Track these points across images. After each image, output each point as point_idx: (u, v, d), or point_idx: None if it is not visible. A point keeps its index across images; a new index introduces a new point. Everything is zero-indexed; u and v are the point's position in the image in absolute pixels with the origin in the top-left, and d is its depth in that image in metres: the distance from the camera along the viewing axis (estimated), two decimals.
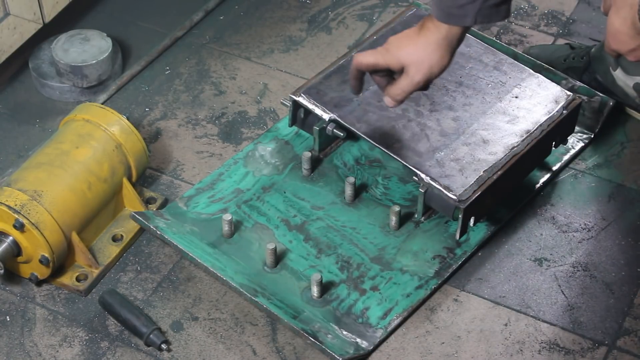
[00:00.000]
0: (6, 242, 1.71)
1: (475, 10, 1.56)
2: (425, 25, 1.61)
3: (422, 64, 1.61)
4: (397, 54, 1.62)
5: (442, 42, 1.60)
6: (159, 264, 1.80)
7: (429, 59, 1.61)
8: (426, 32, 1.60)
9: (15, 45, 2.01)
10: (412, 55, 1.61)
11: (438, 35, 1.59)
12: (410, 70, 1.62)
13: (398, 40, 1.63)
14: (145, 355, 1.68)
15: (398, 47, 1.62)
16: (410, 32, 1.63)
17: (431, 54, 1.61)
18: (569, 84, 1.97)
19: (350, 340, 1.67)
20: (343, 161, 1.91)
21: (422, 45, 1.61)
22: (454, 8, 1.57)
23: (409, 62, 1.62)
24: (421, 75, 1.62)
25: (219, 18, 2.23)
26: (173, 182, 1.92)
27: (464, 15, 1.57)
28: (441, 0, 1.57)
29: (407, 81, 1.63)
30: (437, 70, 1.62)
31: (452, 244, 1.80)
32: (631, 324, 1.71)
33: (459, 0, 1.56)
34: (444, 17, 1.58)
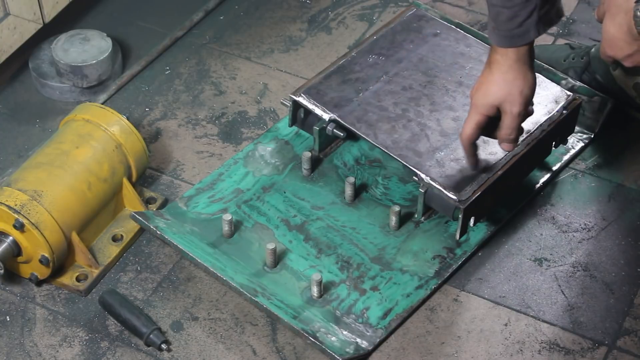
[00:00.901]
0: (6, 242, 1.71)
1: (535, 23, 1.57)
2: (493, 59, 1.61)
3: (512, 96, 1.61)
4: (485, 102, 1.63)
5: (516, 65, 1.60)
6: (159, 264, 1.80)
7: (516, 88, 1.61)
8: (497, 65, 1.60)
9: (15, 45, 2.01)
10: (499, 93, 1.61)
11: (510, 62, 1.59)
12: (506, 107, 1.62)
13: (478, 90, 1.63)
14: (145, 355, 1.68)
15: (483, 95, 1.62)
16: (484, 74, 1.63)
17: (514, 82, 1.61)
18: (569, 84, 1.97)
19: (350, 340, 1.67)
20: (343, 161, 1.91)
21: (501, 79, 1.60)
22: (514, 30, 1.57)
23: (501, 101, 1.62)
24: (518, 106, 1.62)
25: (219, 18, 2.23)
26: (173, 182, 1.92)
27: (526, 32, 1.57)
28: (498, 28, 1.57)
29: (509, 118, 1.64)
30: (529, 91, 1.63)
31: (452, 244, 1.80)
32: (631, 324, 1.71)
33: (516, 20, 1.56)
34: (507, 41, 1.58)
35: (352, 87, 1.88)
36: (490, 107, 1.63)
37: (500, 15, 1.57)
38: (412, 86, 1.88)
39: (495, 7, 1.57)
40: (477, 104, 1.64)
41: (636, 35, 1.68)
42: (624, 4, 1.69)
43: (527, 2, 1.55)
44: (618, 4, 1.71)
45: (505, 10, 1.56)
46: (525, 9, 1.55)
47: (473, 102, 1.65)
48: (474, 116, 1.65)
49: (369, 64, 1.92)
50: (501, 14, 1.57)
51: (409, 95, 1.87)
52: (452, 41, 1.96)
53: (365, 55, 1.93)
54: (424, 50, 1.94)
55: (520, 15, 1.56)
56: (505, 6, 1.56)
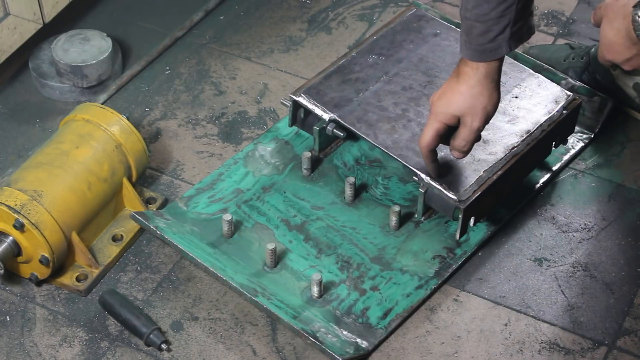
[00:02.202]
0: (6, 242, 1.71)
1: (507, 39, 1.56)
2: (461, 70, 1.60)
3: (475, 110, 1.60)
4: (447, 111, 1.61)
5: (484, 81, 1.59)
6: (159, 264, 1.80)
7: (480, 103, 1.60)
8: (465, 77, 1.59)
9: (15, 45, 2.01)
10: (462, 104, 1.60)
11: (479, 76, 1.58)
12: (466, 120, 1.61)
13: (441, 98, 1.62)
14: (145, 355, 1.68)
15: (445, 104, 1.61)
16: (449, 83, 1.62)
17: (479, 97, 1.60)
18: (569, 84, 1.97)
19: (350, 340, 1.67)
20: (343, 161, 1.91)
21: (467, 92, 1.59)
22: (485, 44, 1.56)
23: (462, 112, 1.61)
24: (479, 121, 1.62)
25: (219, 18, 2.23)
26: (173, 182, 1.92)
27: (498, 47, 1.56)
28: (470, 42, 1.56)
29: (467, 131, 1.63)
30: (492, 108, 1.62)
31: (452, 244, 1.80)
32: (631, 324, 1.71)
33: (489, 35, 1.55)
34: (478, 56, 1.57)
35: (352, 87, 1.88)
36: (451, 116, 1.62)
37: (474, 29, 1.55)
38: (412, 86, 1.88)
39: (468, 20, 1.56)
40: (437, 112, 1.62)
41: (635, 39, 1.68)
42: (622, 9, 1.69)
43: (500, 17, 1.53)
44: (616, 9, 1.71)
45: (479, 25, 1.55)
46: (498, 25, 1.54)
47: (434, 109, 1.63)
48: (433, 123, 1.63)
49: (369, 64, 1.92)
50: (474, 27, 1.55)
51: (409, 95, 1.87)
52: (452, 41, 1.96)
53: (365, 55, 1.93)
54: (424, 50, 1.94)
55: (493, 30, 1.54)
56: (478, 20, 1.54)
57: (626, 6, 1.69)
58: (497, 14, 1.53)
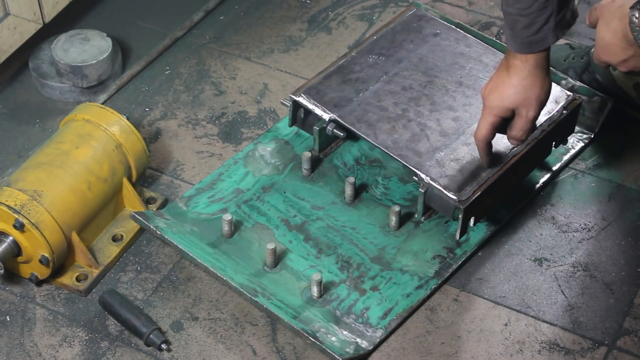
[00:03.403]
0: (6, 242, 1.71)
1: (552, 28, 1.56)
2: (510, 63, 1.61)
3: (529, 101, 1.62)
4: (501, 104, 1.63)
5: (534, 71, 1.60)
6: (159, 264, 1.80)
7: (533, 93, 1.61)
8: (515, 69, 1.60)
9: (15, 45, 2.01)
10: (516, 97, 1.62)
11: (529, 68, 1.59)
12: (521, 111, 1.63)
13: (493, 91, 1.63)
14: (145, 355, 1.68)
15: (499, 97, 1.62)
16: (499, 76, 1.63)
17: (532, 88, 1.61)
18: (569, 84, 1.97)
19: (350, 340, 1.67)
20: (343, 161, 1.91)
21: (520, 84, 1.61)
22: (532, 36, 1.57)
23: (517, 105, 1.62)
24: (534, 110, 1.63)
25: (219, 18, 2.23)
26: (173, 182, 1.92)
27: (544, 38, 1.57)
28: (516, 35, 1.57)
29: (523, 121, 1.64)
30: (545, 97, 1.63)
31: (452, 244, 1.80)
32: (631, 324, 1.71)
33: (533, 27, 1.55)
34: (526, 47, 1.58)
35: (352, 87, 1.88)
36: (506, 109, 1.64)
37: (517, 23, 1.57)
38: (412, 86, 1.88)
39: (511, 15, 1.57)
40: (492, 106, 1.64)
41: (632, 40, 1.68)
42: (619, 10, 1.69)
43: (543, 9, 1.54)
44: (612, 11, 1.71)
45: (522, 18, 1.56)
46: (541, 16, 1.55)
47: (487, 103, 1.65)
48: (488, 117, 1.65)
49: (369, 64, 1.92)
50: (518, 22, 1.56)
51: (409, 95, 1.87)
52: (452, 41, 1.96)
53: (365, 55, 1.93)
54: (424, 50, 1.94)
55: (537, 22, 1.56)
56: (521, 14, 1.55)
57: (623, 7, 1.69)
58: (539, 6, 1.54)
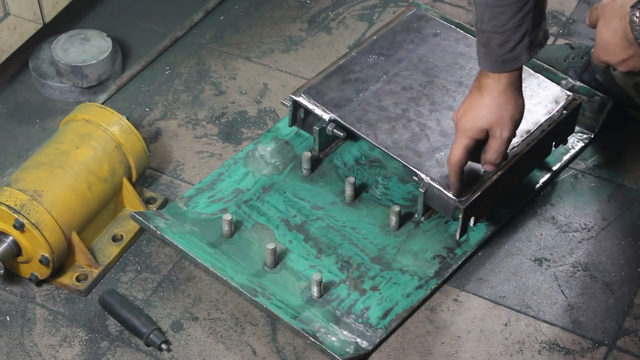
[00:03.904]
0: (6, 242, 1.71)
1: (526, 47, 1.55)
2: (483, 83, 1.59)
3: (503, 120, 1.60)
4: (475, 125, 1.61)
5: (508, 90, 1.59)
6: (159, 264, 1.80)
7: (507, 112, 1.60)
8: (488, 89, 1.59)
9: (15, 45, 2.01)
10: (490, 117, 1.60)
11: (502, 87, 1.58)
12: (495, 132, 1.61)
13: (466, 112, 1.61)
14: (145, 355, 1.68)
15: (472, 119, 1.61)
16: (472, 98, 1.61)
17: (506, 107, 1.60)
18: (569, 84, 1.97)
19: (350, 340, 1.67)
20: (343, 161, 1.91)
21: (493, 104, 1.59)
22: (506, 54, 1.55)
23: (491, 125, 1.61)
24: (508, 131, 1.62)
25: (219, 18, 2.23)
26: (173, 182, 1.92)
27: (518, 56, 1.56)
28: (490, 53, 1.56)
29: (497, 143, 1.62)
30: (519, 116, 1.62)
31: (452, 244, 1.80)
32: (631, 324, 1.71)
33: (508, 45, 1.54)
34: (499, 66, 1.57)
35: (352, 87, 1.88)
36: (480, 130, 1.61)
37: (492, 41, 1.55)
38: (412, 86, 1.88)
39: (485, 33, 1.55)
40: (465, 128, 1.62)
41: (632, 40, 1.68)
42: (619, 9, 1.69)
43: (518, 27, 1.53)
44: (612, 10, 1.71)
45: (497, 36, 1.54)
46: (516, 34, 1.54)
47: (460, 126, 1.62)
48: (462, 140, 1.63)
49: (369, 64, 1.92)
50: (493, 39, 1.55)
51: (409, 95, 1.87)
52: (452, 41, 1.96)
53: (365, 55, 1.93)
54: (424, 50, 1.94)
55: (512, 40, 1.54)
56: (496, 32, 1.54)
57: (623, 7, 1.69)
58: (514, 23, 1.53)
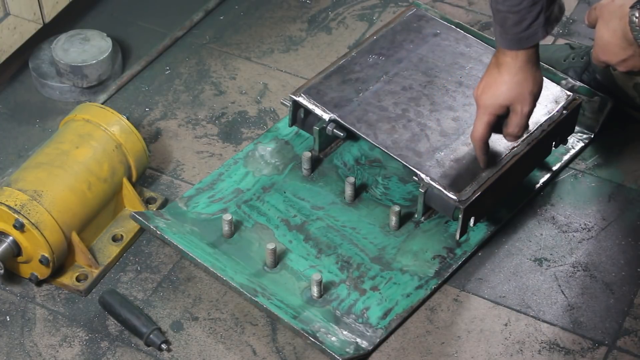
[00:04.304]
0: (6, 242, 1.71)
1: (542, 24, 1.57)
2: (501, 60, 1.61)
3: (523, 96, 1.62)
4: (496, 102, 1.63)
5: (525, 66, 1.60)
6: (159, 264, 1.80)
7: (526, 88, 1.62)
8: (506, 67, 1.61)
9: (15, 45, 2.01)
10: (509, 94, 1.62)
11: (519, 64, 1.60)
12: (516, 107, 1.63)
13: (485, 90, 1.63)
14: (145, 355, 1.68)
15: (492, 96, 1.63)
16: (491, 75, 1.63)
17: (524, 83, 1.61)
18: (569, 84, 1.97)
19: (350, 340, 1.67)
20: (343, 161, 1.91)
21: (512, 80, 1.61)
22: (521, 33, 1.57)
23: (511, 101, 1.63)
24: (528, 105, 1.64)
25: (219, 18, 2.23)
26: (173, 182, 1.92)
27: (534, 34, 1.58)
28: (506, 32, 1.58)
29: (518, 117, 1.65)
30: (538, 90, 1.64)
31: (452, 244, 1.80)
32: (631, 324, 1.71)
33: (523, 24, 1.56)
34: (516, 44, 1.58)
35: (352, 87, 1.88)
36: (500, 107, 1.64)
37: (507, 20, 1.57)
38: (412, 86, 1.88)
39: (501, 12, 1.57)
40: (486, 105, 1.64)
41: (631, 40, 1.68)
42: (619, 9, 1.69)
43: (533, 5, 1.55)
44: (611, 10, 1.71)
45: (512, 15, 1.56)
46: (531, 12, 1.55)
47: (481, 102, 1.65)
48: (483, 117, 1.66)
49: (369, 64, 1.92)
50: (508, 19, 1.57)
51: (409, 95, 1.87)
52: (452, 41, 1.96)
53: (365, 55, 1.93)
54: (424, 50, 1.94)
55: (527, 18, 1.56)
56: (511, 11, 1.56)
57: (623, 7, 1.69)
58: (529, 2, 1.55)
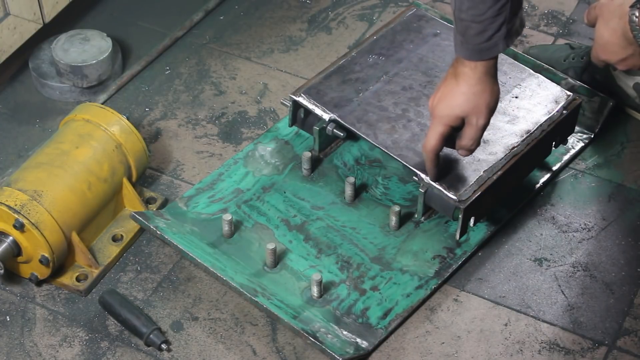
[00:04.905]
0: (6, 242, 1.71)
1: (503, 36, 1.56)
2: (459, 71, 1.60)
3: (479, 108, 1.61)
4: (451, 113, 1.61)
5: (484, 78, 1.59)
6: (159, 264, 1.80)
7: (483, 100, 1.60)
8: (464, 77, 1.59)
9: (15, 45, 2.01)
10: (466, 105, 1.60)
11: (478, 75, 1.59)
12: (471, 119, 1.62)
13: (442, 100, 1.62)
14: (145, 355, 1.68)
15: (448, 106, 1.61)
16: (448, 85, 1.61)
17: (482, 95, 1.60)
18: (569, 84, 1.97)
19: (350, 340, 1.67)
20: (343, 161, 1.91)
21: (469, 92, 1.60)
22: (483, 43, 1.56)
23: (467, 113, 1.61)
24: (484, 118, 1.62)
25: (219, 18, 2.23)
26: (173, 182, 1.92)
27: (494, 46, 1.56)
28: (467, 42, 1.56)
29: (473, 130, 1.63)
30: (494, 103, 1.62)
31: (452, 244, 1.80)
32: (631, 324, 1.71)
33: (485, 34, 1.55)
34: (476, 55, 1.57)
35: (352, 87, 1.88)
36: (456, 118, 1.62)
37: (469, 29, 1.55)
38: (412, 86, 1.88)
39: (464, 21, 1.55)
40: (441, 115, 1.62)
41: (631, 39, 1.68)
42: (618, 8, 1.69)
43: (496, 16, 1.53)
44: (612, 9, 1.71)
45: (475, 25, 1.54)
46: (494, 23, 1.54)
47: (436, 113, 1.63)
48: (437, 127, 1.63)
49: (369, 64, 1.92)
50: (470, 28, 1.55)
51: (409, 95, 1.87)
52: (452, 41, 1.95)
53: (365, 55, 1.93)
54: (424, 50, 1.94)
55: (490, 29, 1.54)
56: (474, 21, 1.54)
57: (622, 6, 1.69)
58: (493, 12, 1.53)
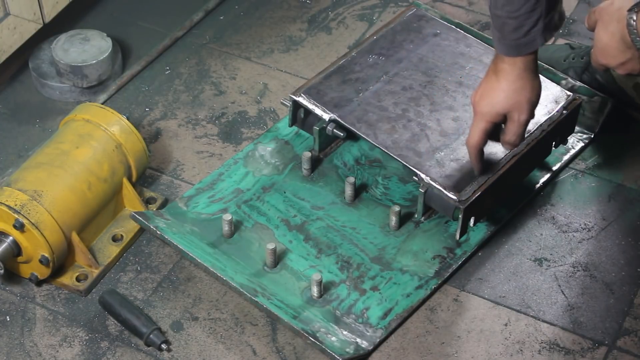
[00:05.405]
0: (6, 242, 1.71)
1: (541, 31, 1.56)
2: (499, 67, 1.60)
3: (520, 104, 1.62)
4: (492, 110, 1.63)
5: (523, 74, 1.60)
6: (159, 264, 1.80)
7: (524, 96, 1.61)
8: (504, 73, 1.60)
9: (15, 45, 2.01)
10: (507, 101, 1.61)
11: (518, 71, 1.59)
12: (513, 115, 1.63)
13: (483, 97, 1.63)
14: (145, 355, 1.68)
15: (489, 103, 1.62)
16: (489, 82, 1.62)
17: (522, 91, 1.61)
18: (569, 84, 1.97)
19: (350, 340, 1.67)
20: (343, 161, 1.91)
21: (510, 88, 1.60)
22: (520, 39, 1.57)
23: (509, 109, 1.62)
24: (526, 114, 1.63)
25: (219, 18, 2.23)
26: (173, 182, 1.92)
27: (532, 41, 1.57)
28: (504, 37, 1.57)
29: (516, 125, 1.64)
30: (536, 99, 1.63)
31: (452, 244, 1.80)
32: (631, 324, 1.71)
33: (522, 29, 1.55)
34: (514, 50, 1.58)
35: (352, 87, 1.88)
36: (498, 115, 1.64)
37: (506, 26, 1.57)
38: (412, 86, 1.88)
39: (500, 18, 1.57)
40: (483, 112, 1.64)
41: (629, 43, 1.68)
42: (617, 12, 1.69)
43: (532, 11, 1.54)
44: (610, 13, 1.71)
45: (511, 21, 1.56)
46: (530, 19, 1.55)
47: (478, 109, 1.64)
48: (480, 124, 1.65)
49: (369, 64, 1.92)
50: (507, 24, 1.56)
51: (409, 95, 1.87)
52: (452, 41, 1.96)
53: (365, 55, 1.93)
54: (424, 50, 1.94)
55: (526, 24, 1.56)
56: (510, 17, 1.55)
57: (621, 10, 1.69)
58: (528, 8, 1.54)
